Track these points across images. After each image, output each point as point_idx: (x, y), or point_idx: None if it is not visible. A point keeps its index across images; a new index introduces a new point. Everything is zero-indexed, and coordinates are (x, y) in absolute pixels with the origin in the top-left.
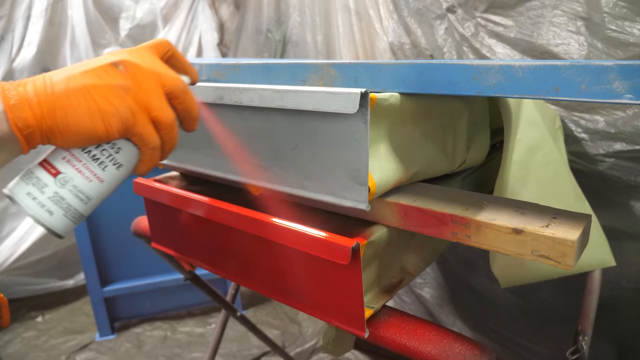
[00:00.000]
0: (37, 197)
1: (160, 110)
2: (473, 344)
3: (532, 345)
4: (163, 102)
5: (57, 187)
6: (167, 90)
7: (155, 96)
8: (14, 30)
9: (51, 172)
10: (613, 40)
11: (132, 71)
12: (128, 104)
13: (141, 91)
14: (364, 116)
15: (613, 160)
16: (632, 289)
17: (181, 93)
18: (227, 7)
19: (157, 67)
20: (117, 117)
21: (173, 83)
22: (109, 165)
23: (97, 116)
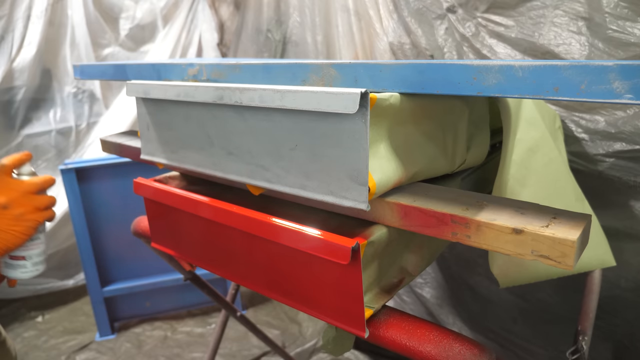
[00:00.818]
0: (26, 271)
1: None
2: (473, 344)
3: (531, 346)
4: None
5: (30, 261)
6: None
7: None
8: (14, 30)
9: (20, 259)
10: (614, 41)
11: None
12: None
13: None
14: (364, 116)
15: (613, 160)
16: (631, 290)
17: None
18: (227, 7)
19: (19, 187)
20: (31, 228)
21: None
22: (40, 234)
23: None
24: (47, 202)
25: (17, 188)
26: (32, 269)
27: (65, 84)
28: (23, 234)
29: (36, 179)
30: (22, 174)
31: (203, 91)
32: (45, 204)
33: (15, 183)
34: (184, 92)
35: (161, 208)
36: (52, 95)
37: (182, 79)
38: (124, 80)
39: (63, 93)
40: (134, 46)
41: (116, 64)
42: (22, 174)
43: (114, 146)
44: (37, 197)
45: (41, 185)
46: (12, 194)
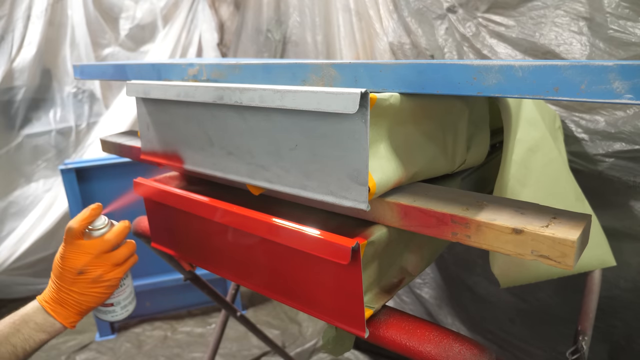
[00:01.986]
0: (116, 314)
1: (119, 259)
2: (473, 344)
3: (528, 347)
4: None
5: (119, 306)
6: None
7: (111, 259)
8: (14, 30)
9: (109, 305)
10: (615, 41)
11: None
12: (109, 278)
13: (104, 267)
14: (364, 116)
15: (613, 160)
16: (630, 290)
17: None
18: (227, 7)
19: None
20: (112, 287)
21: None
22: (124, 281)
23: (104, 295)
24: (125, 254)
25: (90, 250)
26: (122, 312)
27: (65, 84)
28: (104, 293)
29: (110, 235)
30: (95, 229)
31: (203, 91)
32: (124, 258)
33: (88, 246)
34: (184, 92)
35: (161, 208)
36: (52, 95)
37: (182, 79)
38: (124, 80)
39: (63, 93)
40: (134, 46)
41: (116, 64)
42: (95, 229)
43: (114, 146)
44: (114, 255)
45: (116, 240)
46: (86, 258)
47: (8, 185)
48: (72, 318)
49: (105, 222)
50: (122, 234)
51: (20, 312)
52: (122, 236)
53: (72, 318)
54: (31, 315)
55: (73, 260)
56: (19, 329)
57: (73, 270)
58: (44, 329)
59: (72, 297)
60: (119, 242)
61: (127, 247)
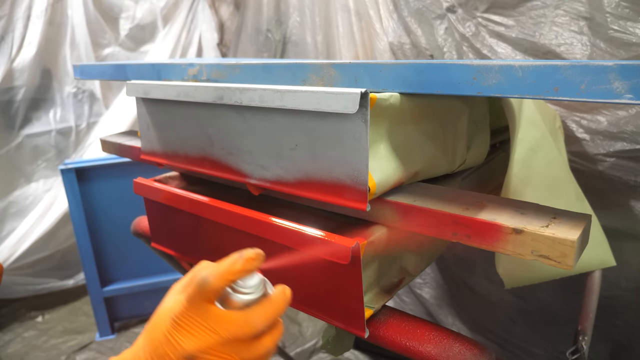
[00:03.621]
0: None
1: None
2: (473, 344)
3: (529, 347)
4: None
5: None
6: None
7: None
8: (14, 30)
9: None
10: (616, 41)
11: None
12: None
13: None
14: (364, 116)
15: (614, 160)
16: (630, 290)
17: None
18: (227, 7)
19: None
20: None
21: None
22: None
23: None
24: (267, 351)
25: (219, 330)
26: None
27: (65, 84)
28: None
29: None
30: (241, 291)
31: (203, 91)
32: (263, 355)
33: (219, 321)
34: (184, 92)
35: (161, 208)
36: (52, 95)
37: (182, 79)
38: (124, 80)
39: (63, 93)
40: (134, 46)
41: (116, 64)
42: (241, 290)
43: (114, 146)
44: (252, 346)
45: (264, 325)
46: (209, 340)
47: (8, 185)
48: None
49: (259, 284)
50: (278, 313)
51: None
52: (277, 315)
53: None
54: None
55: (189, 334)
56: None
57: (181, 350)
58: None
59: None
60: (268, 328)
61: (273, 340)
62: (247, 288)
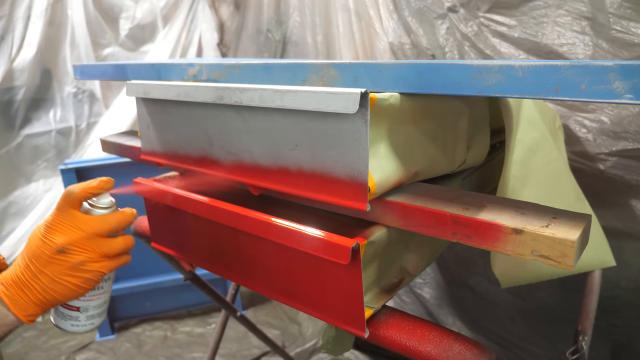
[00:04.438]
0: (78, 325)
1: (112, 250)
2: (473, 344)
3: (529, 346)
4: (110, 245)
5: (84, 314)
6: (105, 235)
7: (102, 247)
8: (14, 30)
9: (74, 309)
10: (618, 41)
11: (75, 247)
12: (91, 269)
13: (92, 253)
14: (364, 116)
15: (616, 159)
16: (631, 289)
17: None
18: (227, 7)
19: (86, 226)
20: (91, 281)
21: (104, 228)
22: (104, 283)
23: (79, 289)
24: (121, 247)
25: (83, 227)
26: (86, 322)
27: (65, 84)
28: (79, 287)
29: (111, 216)
30: (97, 207)
31: (203, 91)
32: (118, 250)
33: (82, 221)
34: (184, 92)
35: (161, 208)
36: (52, 95)
37: (182, 79)
38: (124, 80)
39: (63, 93)
40: (134, 46)
41: (116, 64)
42: (98, 206)
43: (114, 146)
44: (108, 242)
45: (117, 225)
46: (75, 235)
47: (8, 185)
48: (31, 310)
49: (112, 203)
50: (126, 221)
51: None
52: (126, 224)
53: (31, 310)
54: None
55: (59, 233)
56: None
57: (54, 245)
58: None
59: (40, 282)
60: (120, 229)
61: (124, 240)
62: (101, 204)
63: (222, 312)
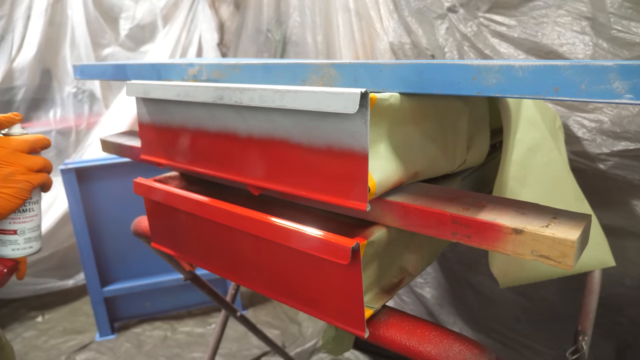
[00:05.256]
0: (18, 248)
1: (34, 164)
2: (473, 344)
3: (534, 344)
4: (32, 159)
5: (22, 236)
6: (26, 151)
7: (26, 161)
8: (14, 30)
9: (11, 232)
10: (619, 41)
11: (2, 161)
12: (20, 179)
13: (17, 166)
14: (364, 116)
15: (616, 159)
16: (635, 288)
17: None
18: (227, 7)
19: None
20: (23, 191)
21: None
22: (34, 205)
23: (14, 199)
24: (41, 163)
25: (4, 145)
26: (25, 245)
27: (65, 84)
28: (14, 196)
29: (28, 136)
30: (11, 135)
31: (203, 91)
32: (39, 166)
33: (3, 140)
34: (184, 92)
35: (161, 208)
36: (52, 95)
37: (182, 79)
38: (124, 80)
39: (63, 93)
40: (134, 46)
41: (116, 64)
42: (11, 134)
43: (114, 146)
44: (29, 157)
45: (33, 143)
46: (1, 152)
47: None
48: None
49: (24, 133)
50: (40, 142)
51: None
52: (40, 144)
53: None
54: None
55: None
56: None
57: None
58: None
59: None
60: (37, 148)
61: (44, 159)
62: (16, 132)
63: (222, 312)
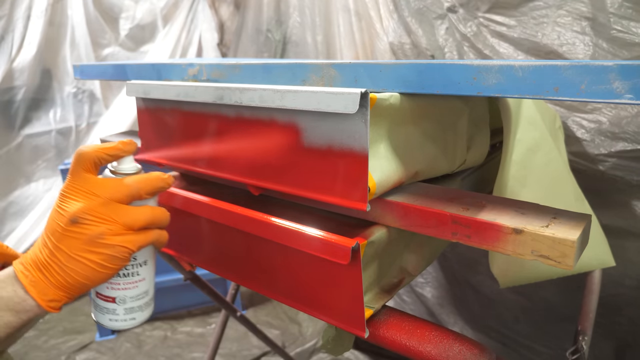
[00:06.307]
0: (117, 319)
1: (136, 221)
2: (473, 344)
3: (534, 345)
4: (132, 214)
5: (122, 306)
6: (125, 200)
7: (123, 216)
8: (14, 30)
9: (109, 300)
10: (618, 41)
11: (90, 215)
12: (112, 244)
13: (111, 224)
14: (364, 116)
15: (615, 160)
16: (635, 287)
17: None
18: (227, 7)
19: (101, 190)
20: (115, 259)
21: (123, 192)
22: (139, 269)
23: (102, 269)
24: (147, 218)
25: (97, 190)
26: (125, 317)
27: (65, 84)
28: (102, 266)
29: (131, 178)
30: (118, 173)
31: (203, 91)
32: (143, 222)
33: (96, 184)
34: (184, 92)
35: None
36: (52, 95)
37: (182, 79)
38: (124, 80)
39: (63, 93)
40: (134, 46)
41: (116, 64)
42: (118, 172)
43: None
44: (130, 210)
45: (138, 188)
46: (88, 201)
47: (8, 185)
48: (52, 294)
49: (137, 169)
50: (152, 185)
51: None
52: (151, 188)
53: (52, 294)
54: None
55: (71, 200)
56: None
57: (67, 215)
58: (11, 305)
59: (57, 261)
60: (144, 195)
61: (152, 210)
62: (123, 169)
63: (222, 312)
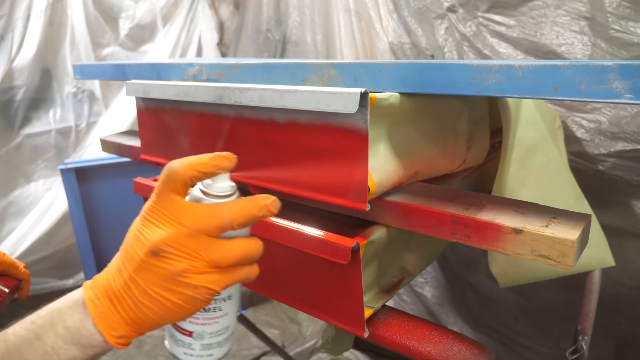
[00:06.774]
0: (193, 354)
1: (224, 259)
2: (473, 344)
3: (534, 345)
4: (221, 250)
5: (199, 342)
6: (215, 233)
7: (211, 252)
8: (14, 30)
9: (186, 334)
10: (617, 41)
11: (173, 248)
12: (195, 284)
13: (196, 260)
14: (364, 116)
15: (615, 160)
16: (634, 287)
17: (226, 223)
18: (227, 7)
19: (189, 219)
20: (196, 301)
21: (214, 224)
22: (222, 304)
23: (180, 310)
24: (238, 255)
25: (184, 220)
26: (201, 352)
27: (65, 84)
28: (180, 307)
29: (224, 206)
30: (210, 196)
31: (203, 91)
32: (232, 259)
33: (184, 211)
34: (184, 92)
35: None
36: (52, 95)
37: (182, 79)
38: (124, 80)
39: (63, 93)
40: (134, 46)
41: (116, 64)
42: (210, 194)
43: (114, 146)
44: (220, 245)
45: (231, 221)
46: (173, 231)
47: (8, 185)
48: (122, 330)
49: (233, 190)
50: (249, 214)
51: (54, 306)
52: (249, 218)
53: (122, 330)
54: (65, 313)
55: (153, 226)
56: (41, 334)
57: (147, 244)
58: (77, 339)
59: (131, 293)
60: (237, 226)
61: (245, 245)
62: (217, 191)
63: None
